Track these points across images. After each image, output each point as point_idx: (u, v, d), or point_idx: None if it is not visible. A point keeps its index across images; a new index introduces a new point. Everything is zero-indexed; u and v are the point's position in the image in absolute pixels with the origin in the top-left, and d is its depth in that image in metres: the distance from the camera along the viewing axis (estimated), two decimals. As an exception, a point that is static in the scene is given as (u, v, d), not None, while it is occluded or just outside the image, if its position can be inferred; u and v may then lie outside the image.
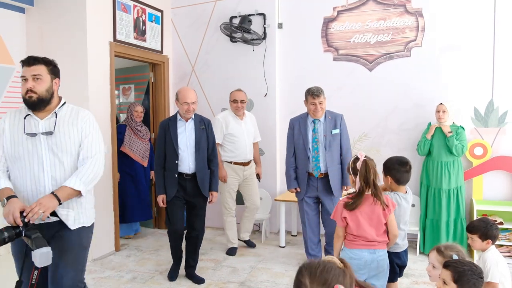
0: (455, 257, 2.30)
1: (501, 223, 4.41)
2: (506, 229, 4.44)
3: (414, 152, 4.80)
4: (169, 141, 3.74)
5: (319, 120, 4.00)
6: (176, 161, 3.72)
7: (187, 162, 3.75)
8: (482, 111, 4.68)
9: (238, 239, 4.80)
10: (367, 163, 2.71)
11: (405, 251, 3.06)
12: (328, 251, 4.04)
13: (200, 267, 4.21)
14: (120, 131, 4.95)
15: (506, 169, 4.58)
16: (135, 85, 5.76)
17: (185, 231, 3.94)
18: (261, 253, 4.67)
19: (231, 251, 4.65)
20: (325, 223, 4.06)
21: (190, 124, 3.82)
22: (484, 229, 3.09)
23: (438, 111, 4.47)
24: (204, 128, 3.85)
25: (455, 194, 4.49)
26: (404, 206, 2.97)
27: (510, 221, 4.51)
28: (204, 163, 3.83)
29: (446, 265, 2.08)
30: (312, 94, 3.89)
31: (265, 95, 5.31)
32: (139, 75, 5.69)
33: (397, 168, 2.91)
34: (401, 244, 2.97)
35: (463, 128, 4.50)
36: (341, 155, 4.01)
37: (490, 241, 3.11)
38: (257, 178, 4.84)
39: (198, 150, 3.77)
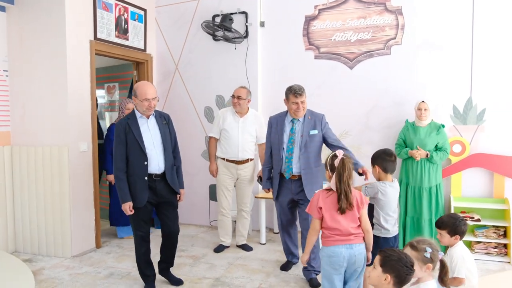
0: (429, 249, 2.34)
1: (478, 220, 4.43)
2: (483, 226, 4.47)
3: (393, 149, 4.81)
4: (132, 142, 3.40)
5: (298, 120, 3.79)
6: (146, 162, 3.40)
7: (156, 162, 3.46)
8: (460, 108, 4.71)
9: (236, 245, 4.77)
10: (344, 162, 2.75)
11: (395, 237, 3.15)
12: (308, 272, 3.83)
13: (178, 263, 4.24)
14: (113, 131, 4.89)
15: (484, 166, 4.60)
16: (119, 84, 5.80)
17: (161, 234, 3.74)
18: (241, 250, 4.70)
19: (218, 248, 4.68)
20: (301, 226, 3.88)
21: (152, 121, 3.51)
22: (453, 225, 3.13)
23: (419, 109, 4.48)
24: (166, 123, 3.60)
25: (435, 192, 4.51)
26: (392, 194, 3.14)
27: (488, 218, 4.53)
28: (171, 160, 3.58)
29: (379, 252, 2.17)
30: (295, 93, 3.66)
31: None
32: (123, 73, 5.73)
33: (383, 158, 3.14)
34: (392, 230, 3.13)
35: (443, 126, 4.52)
36: (331, 144, 3.75)
37: (458, 236, 3.15)
38: (260, 180, 4.55)
39: (166, 147, 3.53)
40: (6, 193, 4.58)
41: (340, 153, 2.79)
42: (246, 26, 5.28)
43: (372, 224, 3.20)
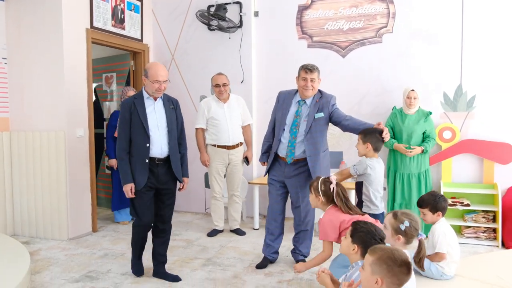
0: (406, 223, 2.42)
1: (467, 205, 4.49)
2: (473, 211, 4.53)
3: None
4: (136, 122, 3.29)
5: (305, 103, 3.61)
6: (148, 144, 3.28)
7: (159, 145, 3.34)
8: (451, 95, 4.77)
9: (230, 230, 4.84)
10: (340, 188, 2.88)
11: (382, 214, 3.21)
12: (295, 254, 3.80)
13: (171, 246, 4.27)
14: (116, 117, 4.97)
15: (474, 152, 4.66)
16: (117, 74, 5.90)
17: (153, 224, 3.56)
18: (233, 235, 4.78)
19: (212, 232, 4.75)
20: (293, 212, 3.78)
21: (159, 103, 3.40)
22: (434, 202, 3.21)
23: (409, 97, 4.53)
24: (173, 108, 3.47)
25: (424, 177, 4.58)
26: (380, 169, 3.23)
27: (477, 203, 4.59)
28: (176, 145, 3.46)
29: (352, 223, 2.25)
30: (306, 68, 3.51)
31: (241, 82, 5.43)
32: (120, 63, 5.83)
33: (377, 138, 3.25)
34: (380, 206, 3.22)
35: (431, 113, 4.58)
36: (344, 120, 3.55)
37: (440, 213, 3.23)
38: (246, 161, 4.82)
39: (170, 132, 3.41)
40: (5, 178, 4.69)
41: (333, 179, 2.89)
42: (240, 16, 5.36)
43: (361, 202, 3.27)
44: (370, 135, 3.25)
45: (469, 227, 4.53)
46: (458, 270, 3.29)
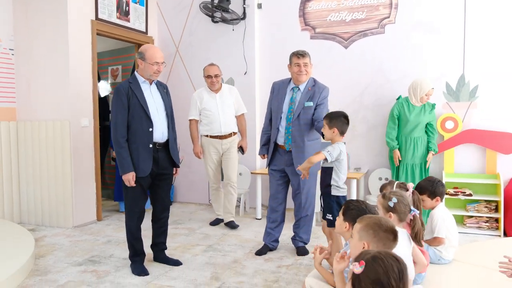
0: (394, 199, 2.44)
1: (470, 195, 4.49)
2: (475, 201, 4.52)
3: (383, 129, 4.92)
4: (136, 106, 3.18)
5: (299, 89, 3.66)
6: (151, 129, 3.20)
7: (160, 129, 3.28)
8: (453, 85, 4.76)
9: (224, 223, 4.74)
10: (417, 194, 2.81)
11: (344, 197, 3.22)
12: (296, 241, 3.83)
13: (173, 233, 4.39)
14: None
15: (477, 142, 4.65)
16: (122, 66, 5.98)
17: (152, 212, 3.55)
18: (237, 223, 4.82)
19: (214, 222, 4.78)
20: (294, 199, 3.80)
21: (154, 87, 3.34)
22: (431, 187, 3.22)
23: (427, 95, 4.44)
24: (166, 92, 3.45)
25: (424, 167, 4.59)
26: (346, 154, 3.19)
27: (480, 193, 4.58)
28: (172, 130, 3.41)
29: (344, 202, 2.31)
30: (297, 54, 3.58)
31: (244, 73, 5.47)
32: (125, 56, 5.90)
33: (343, 121, 3.20)
34: (345, 188, 3.25)
35: (435, 105, 4.58)
36: (313, 128, 3.64)
37: (438, 198, 3.24)
38: (241, 150, 4.76)
39: (168, 115, 3.38)
40: (12, 167, 4.78)
41: (410, 186, 2.77)
42: (244, 8, 5.40)
43: (329, 186, 3.24)
44: (335, 119, 3.19)
45: (471, 217, 4.52)
46: (457, 255, 3.30)
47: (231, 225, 4.64)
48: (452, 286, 2.80)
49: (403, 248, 2.13)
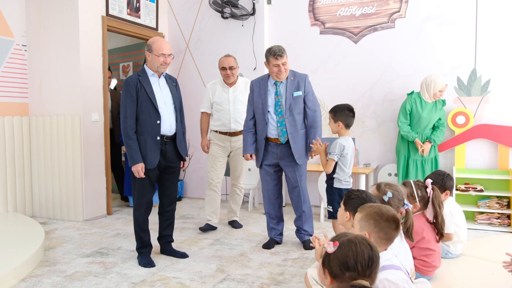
0: (389, 194, 2.42)
1: (481, 191, 4.42)
2: (486, 197, 4.46)
3: (395, 122, 4.88)
4: (144, 99, 3.23)
5: (282, 82, 3.64)
6: (158, 121, 3.24)
7: (168, 122, 3.31)
8: (465, 80, 4.69)
9: (228, 222, 4.55)
10: (437, 190, 2.73)
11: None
12: (301, 235, 3.81)
13: (181, 228, 4.43)
14: None
15: (488, 137, 4.57)
16: (133, 62, 6.03)
17: (159, 205, 3.58)
18: (244, 218, 4.83)
19: (205, 227, 4.31)
20: (291, 194, 3.78)
21: (163, 80, 3.38)
22: (441, 181, 3.19)
23: (441, 91, 4.40)
24: (175, 85, 3.48)
25: (436, 162, 4.53)
26: (352, 148, 3.18)
27: (491, 189, 4.51)
28: (180, 123, 3.44)
29: (345, 193, 2.31)
30: (274, 54, 3.51)
31: (254, 69, 5.47)
32: (136, 52, 5.95)
33: (347, 114, 3.17)
34: (350, 181, 3.24)
35: (445, 101, 4.54)
36: (307, 118, 3.66)
37: (448, 192, 3.20)
38: None
39: (176, 108, 3.41)
40: (24, 162, 4.87)
41: (429, 182, 2.73)
42: (253, 4, 5.40)
43: (332, 178, 3.24)
44: (340, 112, 3.19)
45: (482, 213, 4.45)
46: (465, 250, 3.25)
47: (234, 225, 4.49)
48: (458, 279, 2.77)
49: (395, 242, 2.11)
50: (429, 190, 2.75)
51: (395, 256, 1.91)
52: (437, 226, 2.69)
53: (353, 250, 1.40)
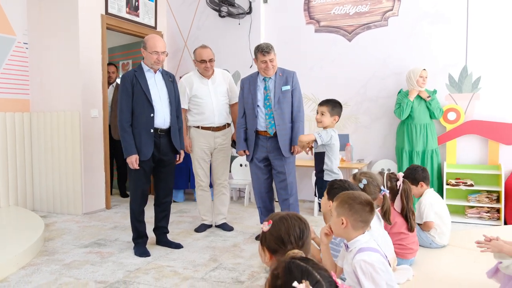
0: (364, 181, 2.53)
1: (471, 185, 4.51)
2: (477, 191, 4.55)
3: (390, 119, 4.99)
4: (139, 93, 3.36)
5: (270, 78, 3.74)
6: (152, 115, 3.37)
7: (162, 116, 3.43)
8: (456, 77, 4.78)
9: (215, 225, 4.30)
10: (408, 184, 2.90)
11: None
12: None
13: (178, 221, 4.54)
14: None
15: (479, 133, 4.66)
16: (132, 60, 6.15)
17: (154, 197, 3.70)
18: (239, 212, 4.94)
19: (200, 228, 4.19)
20: (277, 186, 3.83)
21: (159, 76, 3.51)
22: (411, 174, 3.29)
23: (421, 76, 4.56)
24: (171, 81, 3.59)
25: (437, 154, 4.64)
26: (338, 139, 3.27)
27: (481, 184, 4.60)
28: (175, 117, 3.56)
29: (328, 182, 2.40)
30: (262, 51, 3.63)
31: (250, 67, 5.57)
32: (135, 50, 6.06)
33: (340, 107, 3.26)
34: (340, 174, 3.30)
35: (436, 92, 4.64)
36: (292, 113, 3.76)
37: (422, 183, 3.31)
38: (234, 144, 4.15)
39: (171, 103, 3.52)
40: (25, 157, 4.99)
41: (400, 175, 2.91)
42: (250, 3, 5.51)
43: (322, 171, 3.32)
44: (338, 108, 3.29)
45: (472, 207, 4.54)
46: (450, 240, 3.35)
47: (224, 228, 4.22)
48: (440, 268, 2.87)
49: (375, 225, 2.22)
50: (399, 183, 2.87)
51: (373, 240, 2.02)
52: (406, 218, 2.84)
53: (285, 225, 1.53)
